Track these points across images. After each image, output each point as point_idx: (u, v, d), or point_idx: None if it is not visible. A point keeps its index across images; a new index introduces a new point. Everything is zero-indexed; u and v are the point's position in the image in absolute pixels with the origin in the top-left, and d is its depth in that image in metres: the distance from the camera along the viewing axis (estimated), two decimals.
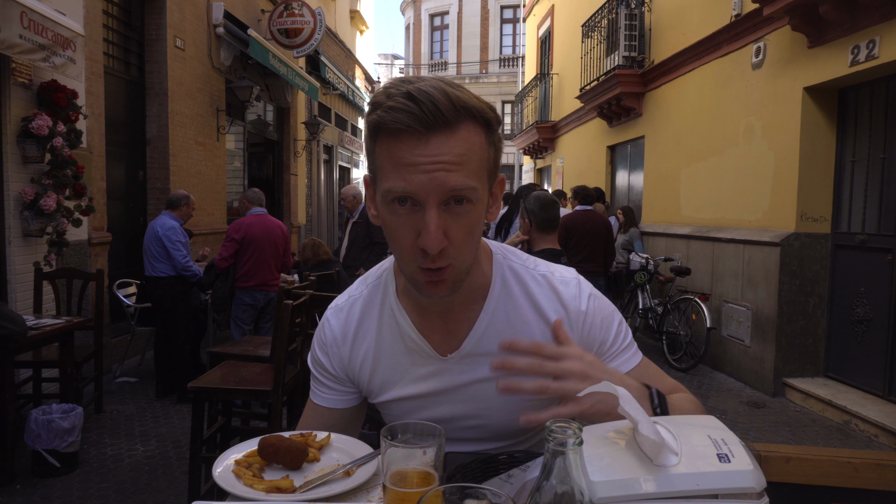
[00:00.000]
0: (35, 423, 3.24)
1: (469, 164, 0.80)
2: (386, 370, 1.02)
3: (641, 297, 6.62)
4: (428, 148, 0.78)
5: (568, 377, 0.77)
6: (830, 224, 4.97)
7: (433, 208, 0.79)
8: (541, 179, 15.23)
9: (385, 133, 0.80)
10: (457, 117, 0.78)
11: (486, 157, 0.84)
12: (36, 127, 4.18)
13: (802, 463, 0.99)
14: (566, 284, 0.98)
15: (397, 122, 0.77)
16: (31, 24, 3.81)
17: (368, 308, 1.03)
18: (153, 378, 4.95)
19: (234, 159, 8.86)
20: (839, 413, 4.46)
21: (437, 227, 0.79)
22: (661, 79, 7.48)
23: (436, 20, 25.03)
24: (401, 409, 1.03)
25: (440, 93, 0.77)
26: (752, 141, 5.55)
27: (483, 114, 0.82)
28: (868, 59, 4.22)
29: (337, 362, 1.05)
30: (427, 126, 0.77)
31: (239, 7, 8.34)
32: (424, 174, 0.78)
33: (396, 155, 0.79)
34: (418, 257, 0.82)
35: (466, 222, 0.82)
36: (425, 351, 0.98)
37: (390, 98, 0.78)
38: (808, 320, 5.05)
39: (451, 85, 0.81)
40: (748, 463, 0.64)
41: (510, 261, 1.00)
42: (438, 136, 0.78)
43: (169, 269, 4.69)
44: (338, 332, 1.04)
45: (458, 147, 0.79)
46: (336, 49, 13.82)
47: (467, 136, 0.80)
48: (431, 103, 0.76)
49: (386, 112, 0.78)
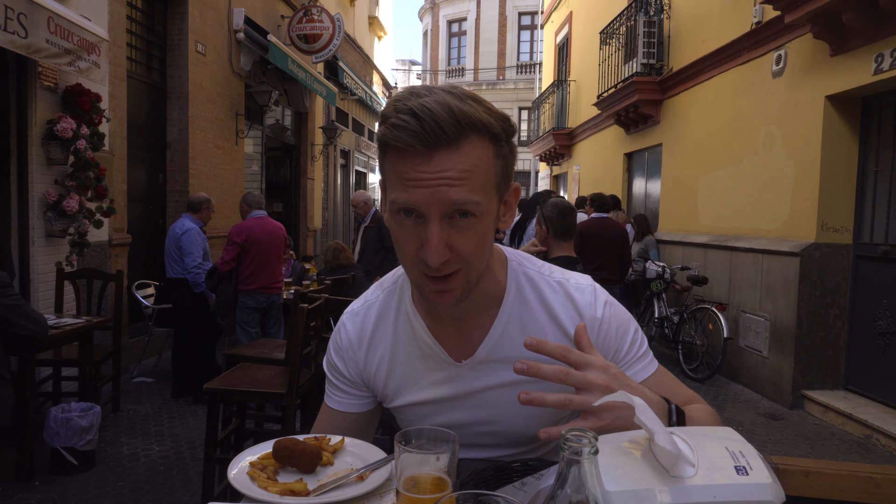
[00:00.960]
0: (54, 421, 3.29)
1: (473, 178, 0.80)
2: (401, 375, 1.02)
3: (657, 306, 6.56)
4: (430, 165, 0.78)
5: (591, 390, 0.75)
6: (852, 234, 4.89)
7: (435, 222, 0.80)
8: (557, 186, 15.19)
9: (389, 148, 0.81)
10: (460, 134, 0.78)
11: (494, 170, 0.83)
12: (60, 129, 4.26)
13: (822, 477, 0.97)
14: (581, 291, 0.98)
15: (398, 140, 0.78)
16: (57, 28, 3.89)
17: (384, 313, 1.04)
18: (170, 378, 5.00)
19: (253, 163, 8.95)
20: (860, 427, 4.38)
21: (438, 241, 0.80)
22: (679, 86, 7.43)
23: (454, 26, 25.13)
24: (415, 414, 1.03)
25: (444, 109, 0.77)
26: (771, 149, 5.48)
27: (490, 128, 0.80)
28: (892, 68, 4.15)
29: (353, 366, 1.06)
30: (428, 144, 0.77)
31: (259, 13, 8.44)
32: (427, 189, 0.78)
33: (400, 170, 0.80)
34: (421, 265, 0.83)
35: (472, 235, 0.82)
36: (440, 356, 0.98)
37: (395, 113, 0.78)
38: (828, 332, 4.97)
39: (460, 97, 0.79)
40: (767, 476, 0.63)
41: (525, 267, 1.00)
42: (441, 154, 0.78)
43: (183, 270, 4.76)
44: (353, 336, 1.05)
45: (461, 163, 0.78)
46: (354, 55, 13.92)
47: (472, 152, 0.79)
48: (433, 121, 0.76)
49: (389, 129, 0.78)
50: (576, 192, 12.14)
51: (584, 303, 0.97)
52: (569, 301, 0.97)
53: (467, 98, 0.80)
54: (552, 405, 0.74)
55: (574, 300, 0.97)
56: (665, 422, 0.81)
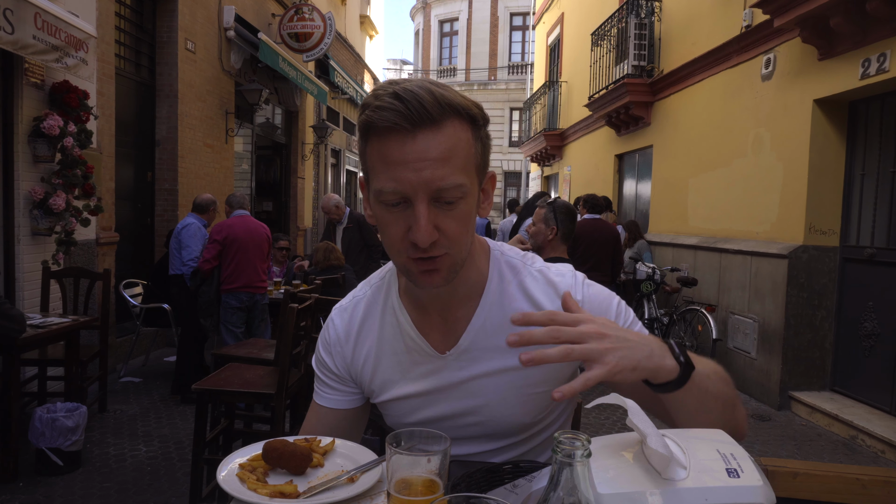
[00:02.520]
0: (39, 422, 3.25)
1: (455, 159, 0.83)
2: (387, 369, 1.03)
3: (647, 307, 6.59)
4: (415, 145, 0.80)
5: (587, 340, 0.75)
6: (839, 237, 4.94)
7: (423, 204, 0.82)
8: (548, 187, 15.22)
9: (374, 132, 0.83)
10: (442, 114, 0.81)
11: (473, 152, 0.86)
12: (47, 127, 4.21)
13: (810, 479, 0.98)
14: (562, 276, 1.00)
15: (384, 121, 0.80)
16: (44, 25, 3.85)
17: (371, 308, 1.05)
18: (157, 378, 4.97)
19: (242, 162, 8.90)
20: (845, 428, 4.42)
21: (427, 222, 0.82)
22: (670, 88, 7.48)
23: (445, 26, 25.14)
24: (401, 409, 1.04)
25: (425, 91, 0.80)
26: (760, 152, 5.53)
27: (468, 110, 0.84)
28: (879, 73, 4.20)
29: (340, 362, 1.06)
30: (413, 123, 0.80)
31: (250, 11, 8.40)
32: (413, 172, 0.80)
33: (385, 153, 0.82)
34: (409, 249, 0.85)
35: (457, 215, 0.85)
36: (423, 349, 0.99)
37: (378, 98, 0.81)
38: (815, 334, 5.02)
39: (437, 84, 0.83)
40: (758, 479, 0.63)
41: (507, 256, 1.02)
42: (425, 133, 0.80)
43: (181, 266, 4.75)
44: (341, 331, 1.06)
45: (444, 143, 0.81)
46: (345, 54, 13.88)
47: (453, 133, 0.82)
48: (417, 101, 0.79)
49: (374, 111, 0.81)
50: (567, 193, 12.18)
51: (565, 286, 0.99)
52: (550, 287, 0.99)
53: (444, 86, 0.85)
54: (555, 359, 0.74)
55: (555, 284, 0.99)
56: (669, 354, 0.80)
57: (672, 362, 0.80)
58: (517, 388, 0.98)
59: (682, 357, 0.81)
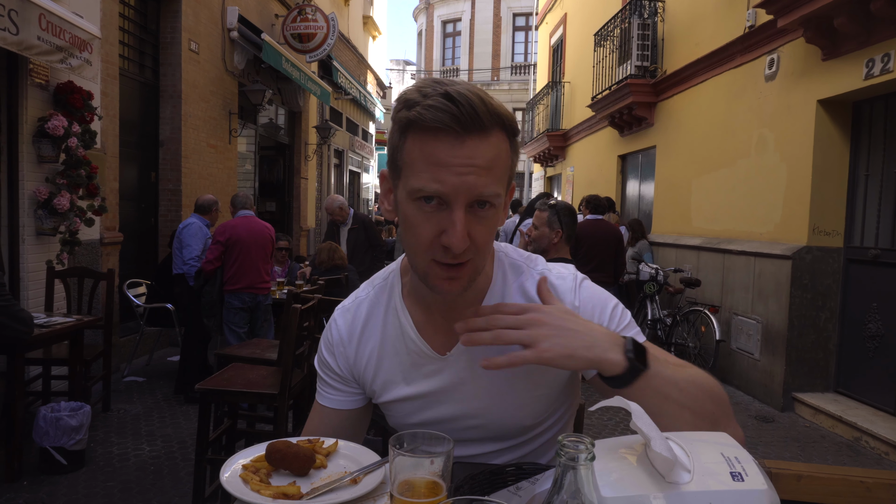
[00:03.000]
0: (43, 421, 3.26)
1: (497, 169, 0.83)
2: (388, 370, 1.03)
3: (650, 308, 6.58)
4: (463, 149, 0.80)
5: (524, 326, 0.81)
6: (843, 238, 4.92)
7: (460, 209, 0.81)
8: (551, 188, 15.21)
9: (419, 130, 0.82)
10: (491, 123, 0.81)
11: (510, 164, 0.87)
12: (51, 127, 4.22)
13: (814, 481, 0.97)
14: (563, 279, 1.00)
15: (436, 121, 0.79)
16: (49, 25, 3.86)
17: (374, 309, 1.05)
18: (161, 378, 4.97)
19: (246, 162, 8.92)
20: (849, 429, 4.41)
21: (463, 227, 0.81)
22: (673, 89, 7.46)
23: (448, 27, 25.12)
24: (402, 410, 1.04)
25: (476, 97, 0.80)
26: (764, 153, 5.51)
27: (511, 122, 0.85)
28: (883, 73, 4.19)
29: (343, 362, 1.07)
30: (464, 128, 0.79)
31: (253, 11, 8.41)
32: (457, 176, 0.80)
33: (431, 153, 0.81)
34: (437, 252, 0.84)
35: (488, 225, 0.85)
36: (424, 351, 0.99)
37: (427, 97, 0.80)
38: (818, 335, 5.00)
39: (483, 91, 0.83)
40: (762, 482, 0.63)
41: (511, 258, 1.03)
42: (473, 140, 0.80)
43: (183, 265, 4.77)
44: (344, 332, 1.06)
45: (489, 152, 0.82)
46: (348, 54, 13.89)
47: (497, 143, 0.83)
48: (470, 106, 0.79)
49: (425, 110, 0.80)
50: (570, 194, 12.17)
51: (565, 289, 0.99)
52: (550, 289, 0.99)
53: (488, 94, 0.85)
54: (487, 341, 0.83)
55: (555, 287, 0.99)
56: (621, 349, 0.82)
57: (619, 357, 0.81)
58: (517, 390, 0.98)
59: (633, 354, 0.81)
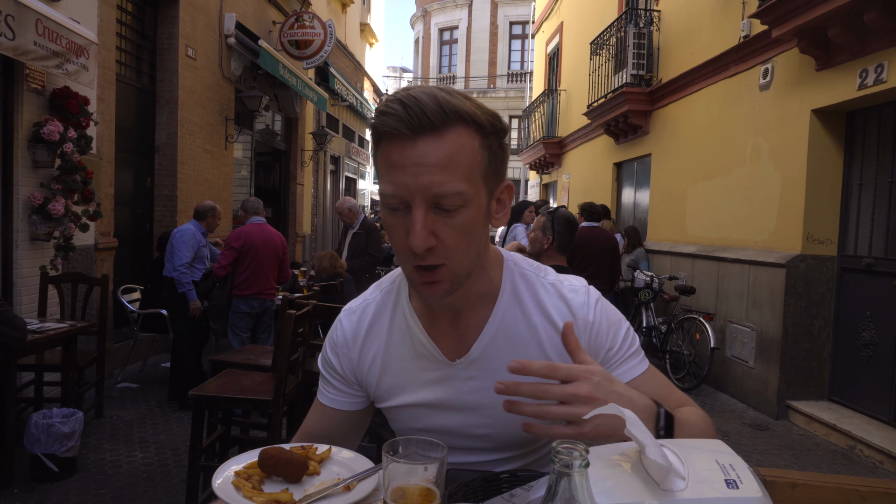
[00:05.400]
0: (35, 427, 3.23)
1: (456, 167, 0.82)
2: (394, 374, 1.02)
3: (645, 315, 6.59)
4: (414, 150, 0.81)
5: (573, 402, 0.76)
6: (837, 247, 4.95)
7: (419, 209, 0.82)
8: (546, 195, 15.24)
9: (382, 138, 0.84)
10: (444, 121, 0.81)
11: (479, 160, 0.85)
12: (47, 132, 4.21)
13: (808, 489, 0.97)
14: (575, 292, 0.99)
15: (385, 125, 0.81)
16: (45, 31, 3.86)
17: (380, 312, 1.04)
18: (154, 384, 4.95)
19: (242, 168, 8.91)
20: (843, 438, 4.41)
21: (422, 227, 0.81)
22: (668, 97, 7.50)
23: (445, 34, 25.24)
24: (408, 416, 1.03)
25: (429, 98, 0.80)
26: (758, 161, 5.54)
27: (474, 118, 0.83)
28: (876, 83, 4.22)
29: (346, 363, 1.06)
30: (413, 129, 0.80)
31: (250, 18, 8.43)
32: (410, 177, 0.81)
33: (387, 157, 0.83)
34: (411, 256, 0.85)
35: (457, 224, 0.84)
36: (434, 356, 0.98)
37: (385, 104, 0.83)
38: (813, 343, 5.01)
39: (448, 91, 0.83)
40: (757, 490, 0.63)
41: (521, 268, 1.01)
42: (425, 139, 0.81)
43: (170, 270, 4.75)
44: (349, 333, 1.05)
45: (444, 150, 0.81)
46: (345, 61, 13.93)
47: (456, 140, 0.82)
48: (418, 107, 0.79)
49: (378, 116, 0.83)
50: (565, 202, 12.19)
51: (578, 303, 0.98)
52: (562, 301, 0.98)
53: (456, 93, 0.84)
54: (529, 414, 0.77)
55: (567, 300, 0.98)
56: (652, 425, 0.81)
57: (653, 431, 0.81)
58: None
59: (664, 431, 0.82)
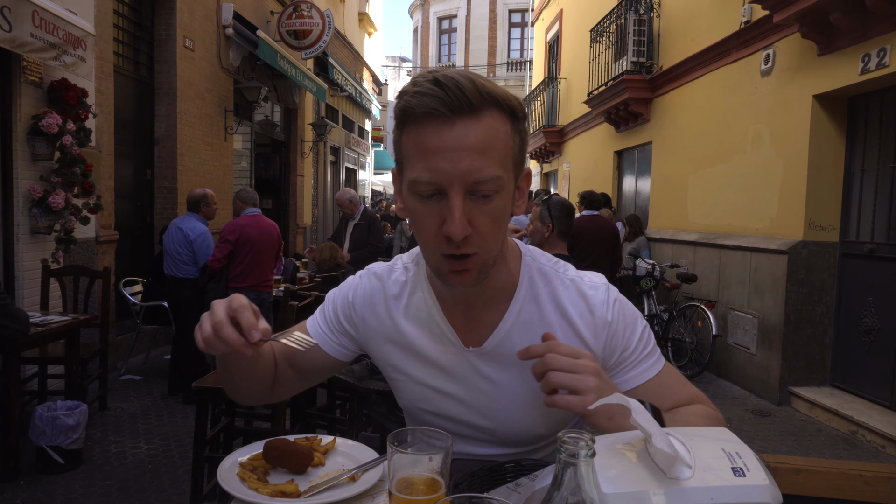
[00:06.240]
0: (40, 420, 3.25)
1: (494, 151, 0.81)
2: (404, 349, 1.01)
3: (647, 304, 6.59)
4: (453, 132, 0.78)
5: (579, 371, 0.79)
6: (839, 233, 4.94)
7: (458, 196, 0.80)
8: (547, 184, 15.21)
9: (411, 120, 0.81)
10: (482, 103, 0.79)
11: (511, 145, 0.84)
12: (46, 125, 4.19)
13: (813, 475, 0.97)
14: (595, 289, 0.97)
15: (423, 106, 0.78)
16: (42, 22, 3.83)
17: (403, 286, 1.03)
18: (158, 376, 4.96)
19: (242, 159, 8.89)
20: (845, 423, 4.43)
21: (461, 215, 0.79)
22: (669, 84, 7.46)
23: (444, 23, 25.06)
24: (415, 393, 1.02)
25: (465, 79, 0.79)
26: (760, 148, 5.52)
27: (508, 102, 0.82)
28: (879, 68, 4.19)
29: (345, 319, 1.05)
30: (452, 110, 0.78)
31: (248, 8, 8.37)
32: (448, 162, 0.78)
33: (422, 140, 0.80)
34: (442, 245, 0.83)
35: (491, 211, 0.83)
36: (448, 338, 0.97)
37: (416, 85, 0.80)
38: (815, 329, 5.02)
39: (477, 75, 0.82)
40: (763, 477, 0.63)
41: (539, 263, 1.00)
42: (463, 121, 0.79)
43: (196, 270, 4.75)
44: (366, 293, 1.05)
45: (483, 133, 0.79)
46: (344, 51, 13.85)
47: (492, 123, 0.81)
48: (457, 88, 0.78)
49: (412, 97, 0.79)
50: (566, 190, 12.17)
51: (598, 301, 0.96)
52: (581, 298, 0.96)
53: (484, 77, 0.83)
54: (550, 404, 0.79)
55: (587, 297, 0.96)
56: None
57: None
58: (538, 399, 0.94)
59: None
